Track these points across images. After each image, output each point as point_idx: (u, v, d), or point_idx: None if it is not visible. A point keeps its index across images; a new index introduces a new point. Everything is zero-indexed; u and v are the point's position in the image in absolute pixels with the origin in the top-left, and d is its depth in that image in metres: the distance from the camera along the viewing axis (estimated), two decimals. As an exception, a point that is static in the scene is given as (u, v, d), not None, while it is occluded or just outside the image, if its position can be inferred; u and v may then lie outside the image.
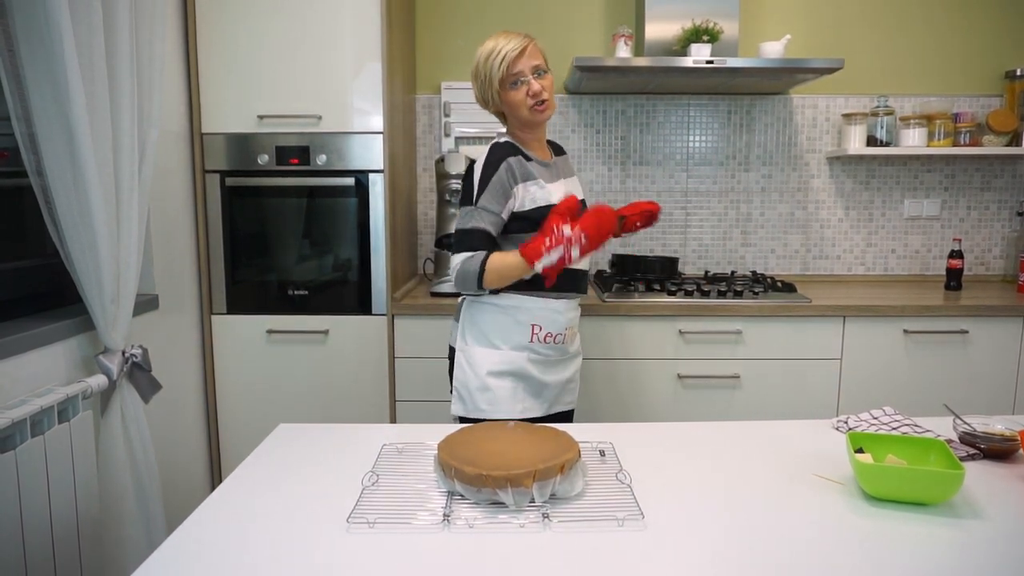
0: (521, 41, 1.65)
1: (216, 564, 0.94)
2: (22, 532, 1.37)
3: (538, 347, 1.74)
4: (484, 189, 1.66)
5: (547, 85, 1.68)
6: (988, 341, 2.41)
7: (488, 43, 1.67)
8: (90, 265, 1.60)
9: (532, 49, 1.66)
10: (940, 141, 2.76)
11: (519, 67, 1.64)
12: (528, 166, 1.70)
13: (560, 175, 1.80)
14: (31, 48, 1.46)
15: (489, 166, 1.67)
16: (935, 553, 0.96)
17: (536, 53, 1.67)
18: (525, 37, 1.67)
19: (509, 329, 1.72)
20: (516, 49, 1.63)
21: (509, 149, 1.71)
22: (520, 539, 1.00)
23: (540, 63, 1.68)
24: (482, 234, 1.66)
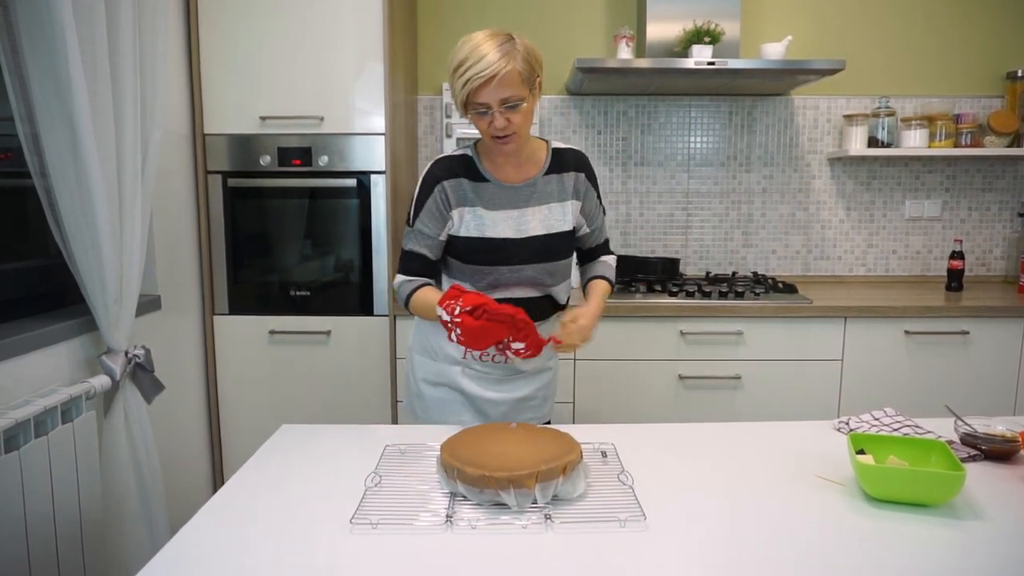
0: (492, 66, 1.34)
1: (219, 565, 0.94)
2: (26, 532, 1.37)
3: (472, 363, 1.60)
4: (420, 210, 1.52)
5: (518, 120, 1.40)
6: (989, 342, 2.42)
7: (462, 49, 1.38)
8: (93, 265, 1.61)
9: (503, 79, 1.35)
10: (941, 142, 2.76)
11: (483, 98, 1.37)
12: (468, 189, 1.51)
13: (525, 202, 1.53)
14: (34, 48, 1.46)
15: (424, 186, 1.52)
16: (936, 554, 0.96)
17: (509, 82, 1.36)
18: (502, 57, 1.35)
19: (443, 341, 1.59)
20: (480, 79, 1.34)
21: (447, 168, 1.52)
22: (522, 540, 1.00)
23: (512, 95, 1.37)
24: (418, 258, 1.53)
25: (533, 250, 1.53)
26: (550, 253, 1.55)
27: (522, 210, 1.53)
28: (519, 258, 1.52)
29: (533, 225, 1.54)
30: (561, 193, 1.57)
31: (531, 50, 1.40)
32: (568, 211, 1.57)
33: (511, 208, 1.53)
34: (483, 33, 1.38)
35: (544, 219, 1.55)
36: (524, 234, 1.53)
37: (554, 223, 1.55)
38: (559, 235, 1.56)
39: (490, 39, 1.37)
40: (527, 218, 1.53)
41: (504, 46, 1.36)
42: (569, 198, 1.58)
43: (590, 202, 1.62)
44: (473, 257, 1.53)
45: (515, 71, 1.36)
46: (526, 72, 1.38)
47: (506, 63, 1.35)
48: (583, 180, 1.59)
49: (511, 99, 1.38)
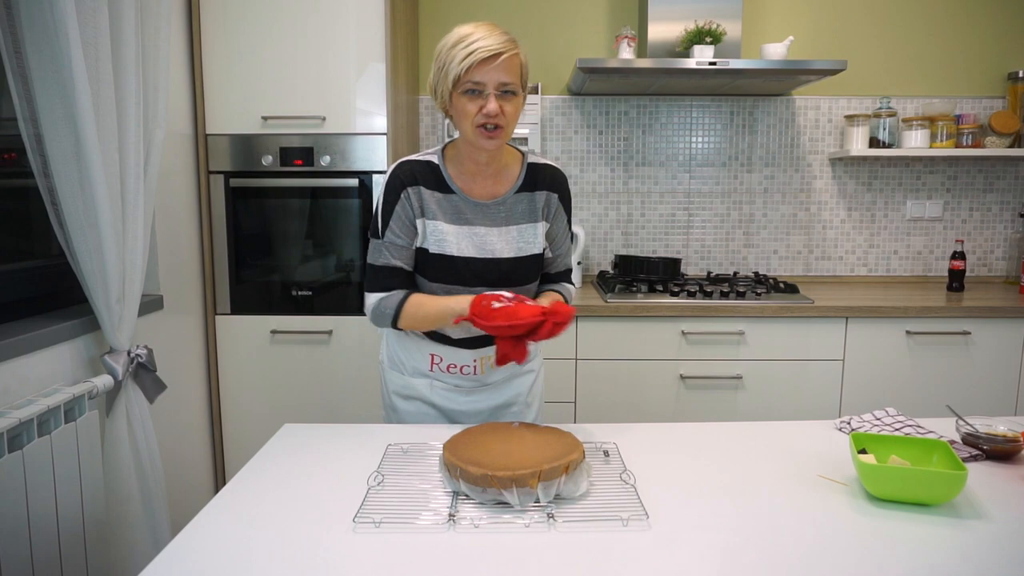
0: (499, 43, 1.29)
1: (222, 564, 0.94)
2: (29, 531, 1.38)
3: (441, 376, 1.53)
4: (388, 220, 1.40)
5: (510, 111, 1.33)
6: (990, 342, 2.42)
7: (464, 28, 1.34)
8: (96, 265, 1.61)
9: (509, 60, 1.30)
10: (942, 143, 2.77)
11: (482, 76, 1.29)
12: (428, 199, 1.40)
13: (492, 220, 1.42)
14: (38, 50, 1.47)
15: (389, 193, 1.40)
16: (938, 553, 0.96)
17: (512, 67, 1.31)
18: (508, 41, 1.31)
19: (411, 353, 1.53)
20: (487, 51, 1.27)
21: (410, 173, 1.41)
22: (525, 539, 1.00)
23: (512, 81, 1.31)
24: (393, 273, 1.41)
25: (499, 273, 1.43)
26: (518, 277, 1.45)
27: (488, 229, 1.42)
28: (483, 280, 1.42)
29: (500, 246, 1.43)
30: (532, 213, 1.46)
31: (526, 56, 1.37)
32: (539, 233, 1.46)
33: (476, 225, 1.42)
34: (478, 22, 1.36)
35: (513, 240, 1.44)
36: (490, 255, 1.42)
37: (524, 246, 1.44)
38: (529, 259, 1.46)
39: (491, 26, 1.34)
40: (493, 238, 1.42)
41: (508, 36, 1.33)
42: (539, 219, 1.47)
43: (558, 225, 1.50)
44: (429, 273, 1.43)
45: (519, 59, 1.33)
46: (525, 69, 1.36)
47: (512, 45, 1.32)
48: (555, 201, 1.48)
49: (511, 85, 1.31)
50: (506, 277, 1.44)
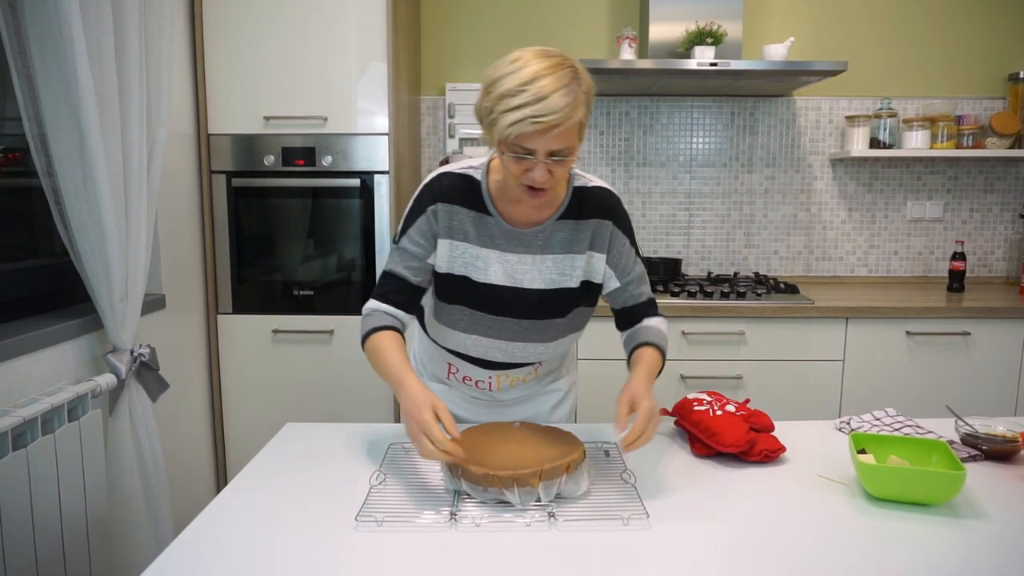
0: (557, 114, 1.08)
1: (224, 563, 0.95)
2: (32, 529, 1.38)
3: (458, 385, 1.48)
4: (408, 228, 1.30)
5: (559, 173, 1.17)
6: (990, 343, 2.42)
7: (516, 74, 1.11)
8: (99, 265, 1.62)
9: (565, 129, 1.11)
10: (943, 143, 2.77)
11: (532, 143, 1.12)
12: (463, 219, 1.29)
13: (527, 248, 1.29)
14: (42, 50, 1.47)
15: (418, 203, 1.30)
16: (937, 553, 0.97)
17: (567, 134, 1.12)
18: (568, 105, 1.09)
19: (432, 358, 1.49)
20: (540, 124, 1.09)
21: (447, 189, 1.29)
22: (526, 538, 1.01)
23: (565, 146, 1.13)
24: (394, 280, 1.30)
25: (526, 305, 1.31)
26: (546, 310, 1.32)
27: (521, 256, 1.30)
28: (507, 310, 1.31)
29: (532, 276, 1.30)
30: (574, 243, 1.30)
31: (591, 88, 1.17)
32: (579, 265, 1.31)
33: (507, 252, 1.30)
34: (541, 59, 1.12)
35: (547, 271, 1.31)
36: (518, 284, 1.30)
37: (558, 278, 1.31)
38: (560, 292, 1.32)
39: (553, 73, 1.10)
40: (525, 267, 1.30)
41: (570, 87, 1.10)
42: (584, 250, 1.31)
43: (619, 253, 1.33)
44: (452, 296, 1.33)
45: (575, 121, 1.12)
46: (585, 120, 1.15)
47: (571, 111, 1.10)
48: (608, 228, 1.31)
49: (563, 151, 1.14)
50: (533, 310, 1.32)
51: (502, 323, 1.33)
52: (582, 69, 1.16)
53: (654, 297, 1.41)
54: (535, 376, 1.48)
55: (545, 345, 1.37)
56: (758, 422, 1.32)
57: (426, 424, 1.08)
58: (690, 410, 1.36)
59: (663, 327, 1.38)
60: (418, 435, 1.09)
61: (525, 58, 1.13)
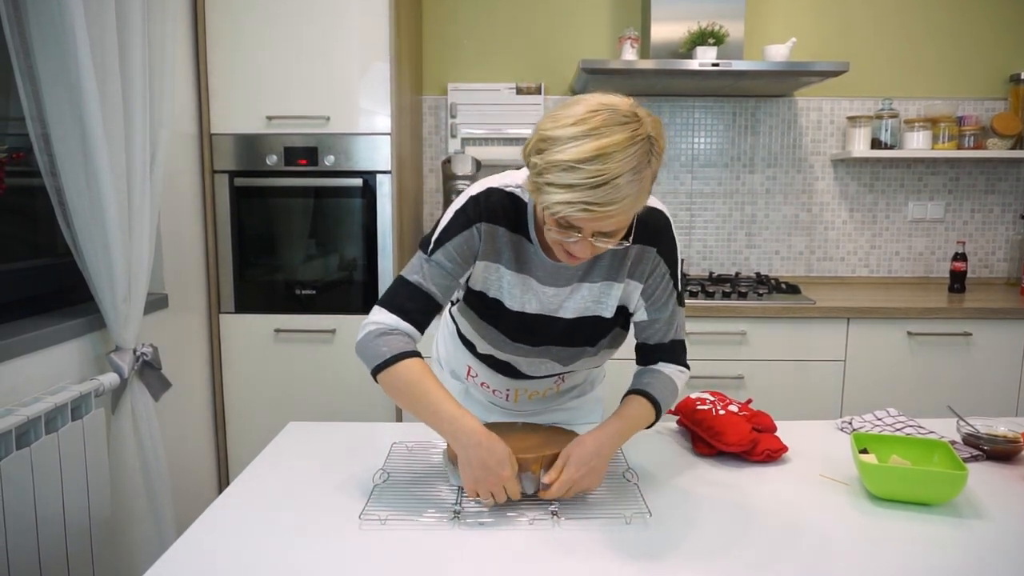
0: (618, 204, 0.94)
1: (227, 562, 0.95)
2: (36, 528, 1.39)
3: (473, 390, 1.43)
4: (446, 241, 1.15)
5: (602, 249, 1.05)
6: (991, 343, 2.42)
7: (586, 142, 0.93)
8: (102, 264, 1.62)
9: (623, 217, 0.99)
10: (944, 144, 2.77)
11: (581, 223, 0.99)
12: (504, 241, 1.16)
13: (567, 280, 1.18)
14: (46, 49, 1.47)
15: (461, 215, 1.16)
16: (938, 553, 0.97)
17: (624, 219, 1.00)
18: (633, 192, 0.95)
19: (453, 355, 1.43)
20: (594, 214, 0.95)
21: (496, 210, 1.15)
22: (529, 535, 1.01)
23: (617, 229, 1.02)
24: (421, 297, 1.15)
25: (552, 333, 1.22)
26: (573, 339, 1.23)
27: (559, 288, 1.19)
28: (535, 339, 1.23)
29: (568, 306, 1.20)
30: (614, 270, 1.18)
31: (661, 158, 1.01)
32: (615, 294, 1.19)
33: (548, 285, 1.19)
34: (613, 127, 0.94)
35: (581, 299, 1.19)
36: (551, 313, 1.20)
37: (592, 305, 1.20)
38: (590, 320, 1.20)
39: (623, 150, 0.93)
40: (561, 298, 1.19)
41: (639, 171, 0.95)
42: (623, 278, 1.18)
43: (655, 283, 1.19)
44: (483, 313, 1.23)
45: (635, 208, 0.99)
46: (644, 199, 1.01)
47: (634, 203, 0.97)
48: (651, 256, 1.17)
49: (613, 233, 1.02)
50: (558, 338, 1.22)
51: (527, 349, 1.24)
52: (659, 135, 0.98)
53: (684, 342, 1.24)
54: (556, 391, 1.40)
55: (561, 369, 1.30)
56: (760, 422, 1.33)
57: (508, 481, 1.05)
58: (693, 409, 1.37)
59: (678, 380, 1.22)
60: (492, 487, 1.05)
61: (594, 122, 0.94)
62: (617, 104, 0.98)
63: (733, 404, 1.36)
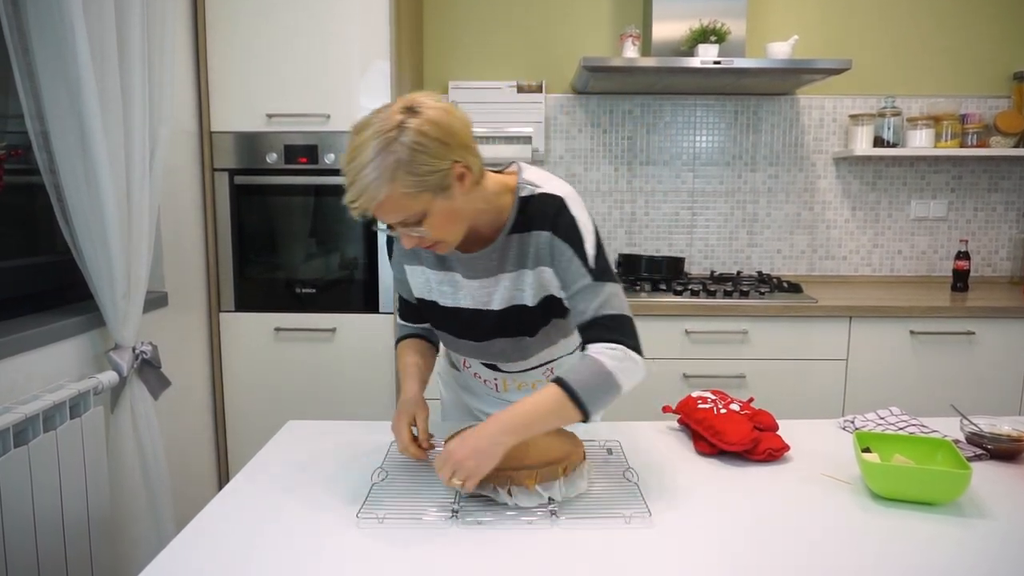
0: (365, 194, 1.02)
1: (226, 560, 0.95)
2: (34, 526, 1.38)
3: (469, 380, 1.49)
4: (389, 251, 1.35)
5: (432, 231, 1.08)
6: (995, 342, 2.41)
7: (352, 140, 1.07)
8: (101, 262, 1.62)
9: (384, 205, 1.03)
10: (947, 142, 2.76)
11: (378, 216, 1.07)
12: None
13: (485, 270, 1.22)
14: (45, 46, 1.47)
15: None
16: (942, 552, 0.96)
17: (391, 207, 1.04)
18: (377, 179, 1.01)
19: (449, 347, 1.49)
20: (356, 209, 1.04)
21: None
22: (528, 535, 1.00)
23: (404, 217, 1.06)
24: (404, 303, 1.40)
25: (488, 325, 1.27)
26: (508, 329, 1.26)
27: (482, 280, 1.23)
28: (473, 333, 1.29)
29: (496, 297, 1.24)
30: (524, 258, 1.20)
31: (426, 146, 1.02)
32: (529, 282, 1.21)
33: (472, 278, 1.24)
34: (372, 127, 1.04)
35: (505, 290, 1.23)
36: (485, 306, 1.25)
37: (515, 295, 1.23)
38: (517, 310, 1.24)
39: (371, 142, 1.02)
40: (489, 290, 1.24)
41: (383, 155, 1.00)
42: (534, 264, 1.19)
43: (559, 263, 1.17)
44: (431, 319, 1.34)
45: (395, 195, 1.02)
46: (417, 183, 1.02)
47: (378, 189, 1.01)
48: (547, 240, 1.17)
49: (406, 221, 1.06)
50: (497, 330, 1.27)
51: (476, 345, 1.31)
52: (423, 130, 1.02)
53: (614, 313, 1.14)
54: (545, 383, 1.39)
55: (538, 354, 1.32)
56: (762, 421, 1.32)
57: (394, 429, 1.22)
58: (694, 408, 1.36)
59: (606, 358, 1.11)
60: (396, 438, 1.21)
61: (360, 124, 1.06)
62: (398, 102, 1.07)
63: (735, 403, 1.36)
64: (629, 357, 1.12)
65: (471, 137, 1.11)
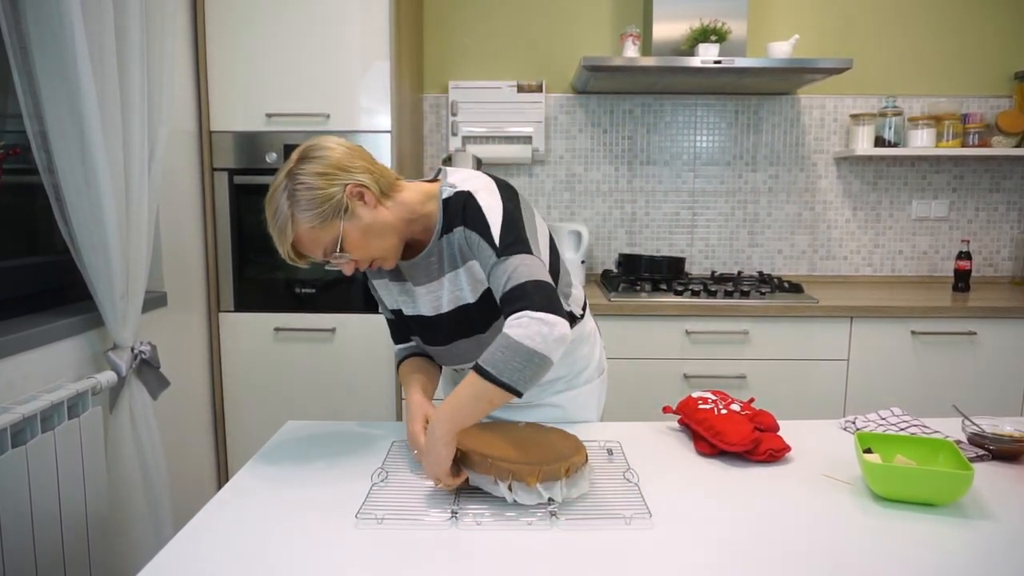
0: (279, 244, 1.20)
1: (225, 560, 0.94)
2: (32, 527, 1.38)
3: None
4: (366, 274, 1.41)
5: (353, 253, 1.19)
6: (996, 343, 2.41)
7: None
8: (100, 262, 1.61)
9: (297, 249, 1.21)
10: (948, 142, 2.75)
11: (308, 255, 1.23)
12: None
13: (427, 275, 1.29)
14: (43, 46, 1.47)
15: None
16: (944, 553, 0.96)
17: (304, 247, 1.20)
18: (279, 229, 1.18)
19: None
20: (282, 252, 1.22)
21: None
22: (528, 536, 1.00)
23: (318, 251, 1.20)
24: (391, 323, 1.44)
25: (446, 328, 1.32)
26: (464, 328, 1.31)
27: (429, 285, 1.30)
28: (438, 338, 1.34)
29: (444, 299, 1.30)
30: (452, 259, 1.26)
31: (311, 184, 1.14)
32: (464, 278, 1.26)
33: (420, 284, 1.31)
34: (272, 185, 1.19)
35: (449, 292, 1.29)
36: (437, 311, 1.31)
37: (458, 295, 1.28)
38: (465, 308, 1.28)
39: (272, 198, 1.17)
40: (438, 294, 1.30)
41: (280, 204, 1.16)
42: (462, 262, 1.25)
43: (476, 251, 1.21)
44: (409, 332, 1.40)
45: (300, 231, 1.16)
46: (315, 216, 1.14)
47: (287, 232, 1.17)
48: (463, 233, 1.22)
49: (324, 253, 1.19)
50: (455, 331, 1.31)
51: (446, 351, 1.36)
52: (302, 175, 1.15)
53: (520, 283, 1.13)
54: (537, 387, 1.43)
55: None
56: (763, 421, 1.31)
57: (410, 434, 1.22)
58: (694, 408, 1.35)
59: (512, 329, 1.09)
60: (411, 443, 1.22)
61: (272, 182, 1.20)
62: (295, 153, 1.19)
63: (735, 403, 1.35)
64: (535, 320, 1.08)
65: (363, 160, 1.20)
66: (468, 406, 1.09)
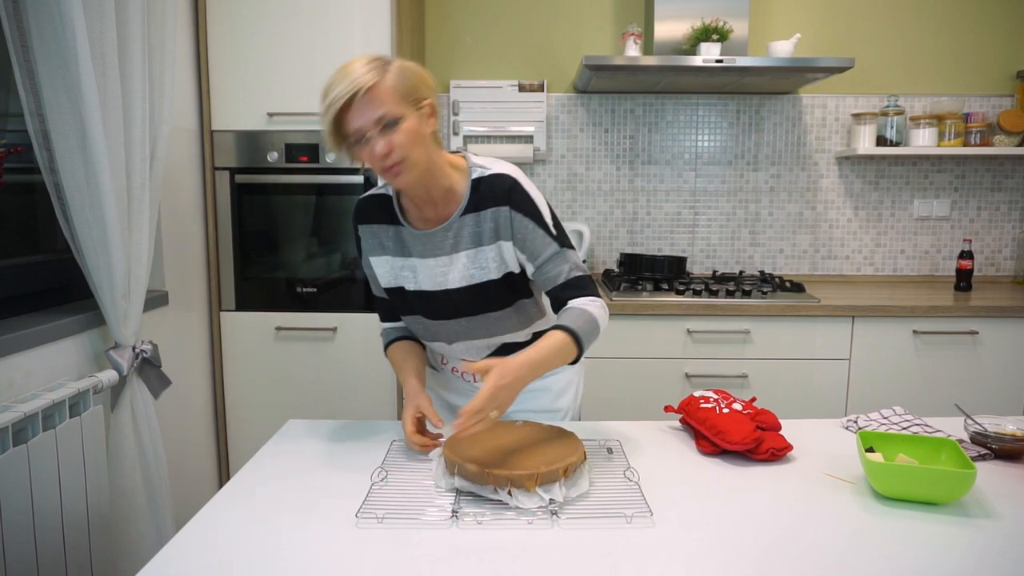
0: (350, 85, 1.14)
1: (225, 559, 0.94)
2: (33, 525, 1.38)
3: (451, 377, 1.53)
4: (359, 252, 1.43)
5: (400, 140, 1.17)
6: (998, 342, 2.40)
7: (331, 77, 1.19)
8: (101, 261, 1.61)
9: (370, 93, 1.15)
10: (950, 141, 2.75)
11: (354, 123, 1.17)
12: (384, 234, 1.37)
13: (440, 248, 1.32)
14: (45, 45, 1.47)
15: (354, 227, 1.42)
16: (946, 552, 0.96)
17: (377, 98, 1.16)
18: (368, 72, 1.16)
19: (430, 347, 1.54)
20: (341, 98, 1.14)
21: (365, 212, 1.39)
22: (528, 535, 1.00)
23: (384, 112, 1.16)
24: (381, 301, 1.46)
25: (454, 305, 1.33)
26: (477, 306, 1.33)
27: (439, 259, 1.32)
28: (442, 313, 1.35)
29: (452, 276, 1.31)
30: (481, 235, 1.29)
31: (410, 69, 1.22)
32: (491, 256, 1.30)
33: (428, 257, 1.33)
34: (357, 60, 1.20)
35: (463, 268, 1.31)
36: (443, 286, 1.33)
37: (476, 272, 1.30)
38: (484, 286, 1.31)
39: (359, 59, 1.19)
40: (444, 268, 1.32)
41: (373, 62, 1.18)
42: (491, 241, 1.29)
43: (523, 235, 1.28)
44: (400, 308, 1.41)
45: (384, 85, 1.16)
46: (401, 87, 1.18)
47: (372, 76, 1.15)
48: (506, 214, 1.27)
49: (385, 116, 1.16)
50: (462, 308, 1.34)
51: (446, 326, 1.38)
52: (405, 62, 1.23)
53: (584, 274, 1.31)
54: None
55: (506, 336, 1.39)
56: (764, 420, 1.31)
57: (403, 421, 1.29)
58: (696, 408, 1.35)
59: (592, 307, 1.27)
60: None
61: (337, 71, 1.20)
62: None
63: (737, 402, 1.35)
64: (601, 306, 1.31)
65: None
66: (548, 360, 1.20)
